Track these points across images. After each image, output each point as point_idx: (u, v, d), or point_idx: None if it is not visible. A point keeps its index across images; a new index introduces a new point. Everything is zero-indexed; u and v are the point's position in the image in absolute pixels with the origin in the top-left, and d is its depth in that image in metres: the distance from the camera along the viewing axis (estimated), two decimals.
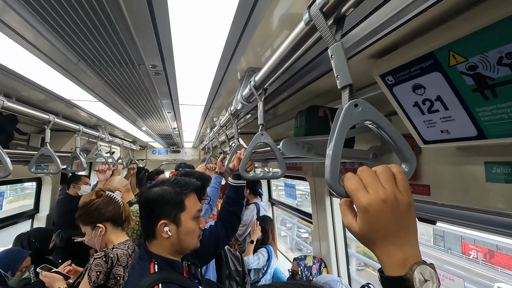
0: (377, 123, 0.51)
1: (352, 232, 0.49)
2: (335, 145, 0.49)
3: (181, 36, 0.85)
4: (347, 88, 0.50)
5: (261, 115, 0.95)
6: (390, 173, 0.46)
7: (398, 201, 0.44)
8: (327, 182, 0.49)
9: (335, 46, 0.50)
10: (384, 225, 0.44)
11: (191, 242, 1.15)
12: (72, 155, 2.16)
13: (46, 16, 0.77)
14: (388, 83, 0.94)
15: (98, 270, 1.23)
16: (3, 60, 1.08)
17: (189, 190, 1.18)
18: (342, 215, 0.51)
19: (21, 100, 1.65)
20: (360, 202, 0.45)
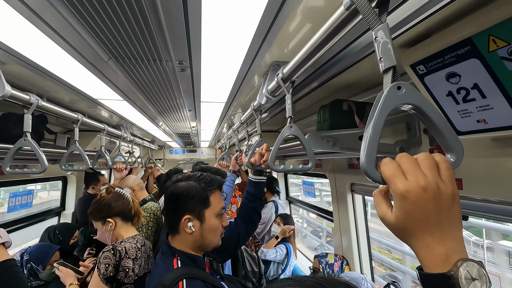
0: (420, 108, 0.49)
1: (386, 223, 0.45)
2: (374, 128, 0.48)
3: (211, 33, 0.87)
4: (390, 70, 0.49)
5: (290, 108, 0.95)
6: (432, 161, 0.43)
7: (441, 191, 0.41)
8: (362, 166, 0.47)
9: (381, 27, 0.49)
10: (423, 215, 0.41)
11: (214, 240, 1.15)
12: (98, 153, 2.23)
13: (84, 13, 0.79)
14: (419, 72, 0.92)
15: (107, 262, 1.26)
16: (38, 59, 1.13)
17: (214, 186, 1.18)
18: (376, 205, 0.48)
19: (51, 99, 1.72)
20: (397, 188, 0.42)
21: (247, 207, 1.45)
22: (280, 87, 1.00)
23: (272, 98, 1.13)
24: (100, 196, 1.59)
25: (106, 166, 2.30)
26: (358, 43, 0.87)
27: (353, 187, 2.02)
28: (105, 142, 2.30)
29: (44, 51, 1.05)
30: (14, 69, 1.18)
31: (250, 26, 0.84)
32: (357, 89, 1.54)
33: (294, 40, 0.98)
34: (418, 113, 0.50)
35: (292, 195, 3.83)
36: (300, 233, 5.42)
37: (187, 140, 4.44)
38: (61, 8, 0.78)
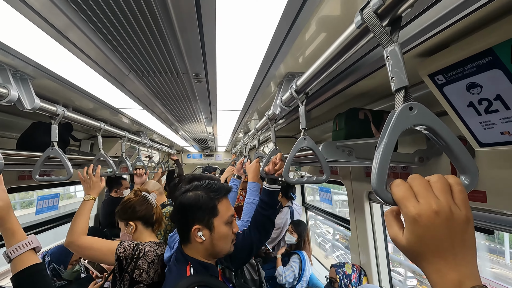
0: (433, 129, 0.48)
1: (398, 245, 0.45)
2: (384, 149, 0.48)
3: (225, 46, 0.89)
4: (402, 90, 0.49)
5: (303, 119, 0.95)
6: (446, 183, 0.42)
7: (454, 215, 0.40)
8: (373, 187, 0.47)
9: (392, 47, 0.49)
10: (435, 240, 0.40)
11: (225, 247, 1.16)
12: (119, 159, 2.32)
13: (105, 31, 0.84)
14: (438, 82, 0.89)
15: (124, 247, 1.33)
16: (64, 73, 1.20)
17: (221, 195, 1.19)
18: (387, 226, 0.47)
19: (75, 109, 1.81)
20: (408, 211, 0.41)
21: (260, 215, 1.44)
22: (294, 98, 1.01)
23: (287, 109, 1.14)
24: (128, 197, 1.64)
25: (127, 171, 2.39)
26: (375, 54, 0.86)
27: (370, 195, 1.97)
28: (125, 148, 2.39)
29: (69, 66, 1.11)
30: (43, 83, 1.26)
31: (264, 39, 0.85)
32: (373, 97, 1.51)
33: (308, 50, 0.98)
34: (431, 134, 0.49)
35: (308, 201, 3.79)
36: (332, 246, 5.02)
37: (204, 145, 4.52)
38: (84, 27, 0.82)
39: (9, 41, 0.89)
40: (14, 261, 0.89)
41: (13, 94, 1.03)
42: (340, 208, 6.69)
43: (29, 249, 0.91)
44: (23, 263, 0.88)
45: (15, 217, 0.93)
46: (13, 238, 0.91)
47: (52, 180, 1.51)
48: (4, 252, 0.91)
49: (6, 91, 1.01)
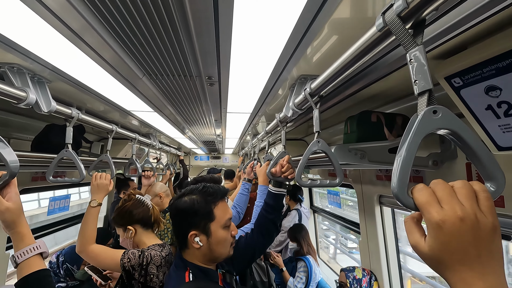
0: (458, 134, 0.47)
1: (419, 252, 0.43)
2: (406, 152, 0.47)
3: (240, 49, 0.89)
4: (426, 93, 0.48)
5: (317, 123, 0.95)
6: (471, 189, 0.41)
7: (480, 222, 0.38)
8: (394, 192, 0.46)
9: (416, 50, 0.48)
10: (461, 247, 0.38)
11: (223, 251, 1.13)
12: (129, 161, 2.35)
13: (121, 34, 0.85)
14: (455, 85, 0.88)
15: (129, 257, 1.31)
16: (79, 76, 1.21)
17: (218, 198, 1.15)
18: (407, 232, 0.46)
19: (87, 111, 1.84)
20: (432, 217, 0.40)
21: (264, 219, 1.41)
22: (307, 101, 1.00)
23: (299, 111, 1.14)
24: (122, 203, 1.63)
25: (135, 173, 2.41)
26: (391, 56, 0.85)
27: (381, 199, 1.95)
28: (136, 150, 2.41)
29: (84, 68, 1.13)
30: (58, 86, 1.29)
31: (279, 42, 0.85)
32: (385, 99, 1.50)
33: (319, 52, 0.98)
34: (455, 139, 0.48)
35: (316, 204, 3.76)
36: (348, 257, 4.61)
37: (211, 147, 4.54)
38: (101, 29, 0.83)
39: (29, 45, 0.91)
40: (20, 266, 0.87)
41: (31, 97, 1.06)
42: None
43: (36, 254, 0.90)
44: (29, 268, 0.87)
45: (25, 221, 0.92)
46: (22, 242, 0.89)
47: (65, 181, 1.53)
48: (11, 256, 0.89)
49: (25, 94, 1.04)
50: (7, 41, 0.88)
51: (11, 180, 0.89)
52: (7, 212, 0.86)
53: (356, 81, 1.06)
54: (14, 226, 0.88)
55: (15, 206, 0.88)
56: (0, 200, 0.86)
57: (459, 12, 0.64)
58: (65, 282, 2.17)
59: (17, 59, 1.00)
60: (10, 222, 0.87)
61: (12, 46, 0.91)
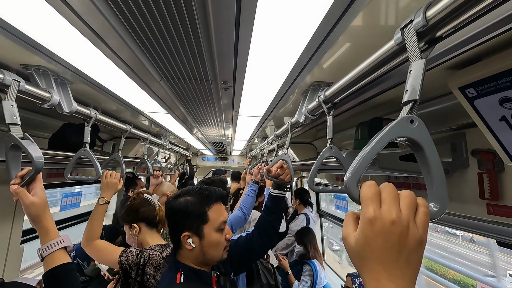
0: (423, 149, 0.48)
1: (346, 244, 0.45)
2: (371, 149, 0.49)
3: (257, 56, 0.92)
4: (410, 103, 0.50)
5: (330, 129, 0.97)
6: (414, 201, 0.42)
7: (410, 232, 0.40)
8: (345, 181, 0.48)
9: (418, 62, 0.50)
10: (382, 247, 0.40)
11: (216, 254, 1.12)
12: (141, 161, 2.39)
13: (142, 37, 0.87)
14: (469, 96, 0.89)
15: (127, 255, 1.33)
16: (98, 77, 1.25)
17: (212, 201, 1.15)
18: (344, 224, 0.48)
19: (102, 110, 1.89)
20: (367, 211, 0.42)
21: (264, 221, 1.42)
22: (321, 107, 1.02)
23: (312, 117, 1.16)
24: (131, 201, 1.67)
25: (145, 172, 2.46)
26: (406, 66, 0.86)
27: None
28: (147, 150, 2.46)
29: (104, 70, 1.16)
30: (78, 87, 1.33)
31: (296, 51, 0.88)
32: (397, 106, 1.50)
33: (332, 59, 1.00)
34: (416, 151, 0.49)
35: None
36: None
37: (219, 148, 4.58)
38: (122, 31, 0.85)
39: (54, 47, 0.95)
40: (45, 259, 0.91)
41: (55, 98, 1.10)
42: None
43: (60, 248, 0.93)
44: (54, 261, 0.91)
45: (50, 216, 0.95)
46: (47, 236, 0.93)
47: (82, 179, 1.58)
48: (38, 249, 0.93)
49: (49, 95, 1.08)
50: (35, 44, 0.92)
51: (37, 175, 0.93)
52: (32, 206, 0.90)
53: (369, 88, 1.07)
54: (39, 220, 0.92)
55: (40, 200, 0.92)
56: (26, 194, 0.90)
57: (475, 27, 0.65)
58: None
59: (43, 61, 1.04)
60: (35, 216, 0.91)
61: (38, 49, 0.95)
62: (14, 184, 0.90)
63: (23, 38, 0.88)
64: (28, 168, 0.91)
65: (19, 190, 0.89)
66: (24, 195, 0.90)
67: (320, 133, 2.87)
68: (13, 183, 0.90)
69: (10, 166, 0.91)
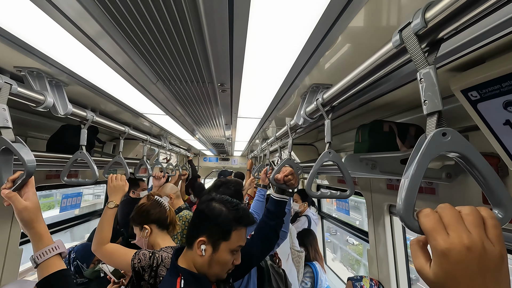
0: (467, 157, 0.45)
1: (424, 278, 0.42)
2: (414, 175, 0.46)
3: (253, 57, 0.90)
4: (435, 114, 0.47)
5: (328, 133, 0.94)
6: (479, 216, 0.39)
7: (487, 251, 0.37)
8: (400, 214, 0.45)
9: (427, 70, 0.47)
10: (466, 277, 0.37)
11: (219, 272, 1.11)
12: (140, 162, 2.38)
13: (136, 40, 0.86)
14: (472, 98, 0.86)
15: (139, 258, 1.32)
16: (94, 80, 1.23)
17: (242, 224, 1.14)
18: (413, 256, 0.45)
19: (101, 113, 1.88)
20: (438, 244, 0.39)
21: (265, 225, 1.40)
22: (319, 110, 1.00)
23: (310, 120, 1.13)
24: (142, 202, 1.66)
25: (145, 173, 2.45)
26: (406, 68, 0.84)
27: (391, 208, 1.92)
28: (146, 151, 2.44)
29: (99, 73, 1.15)
30: (74, 89, 1.32)
31: (293, 52, 0.85)
32: (397, 109, 1.48)
33: (332, 60, 0.97)
34: (464, 162, 0.46)
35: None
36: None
37: (220, 149, 4.56)
38: (116, 35, 0.84)
39: (47, 50, 0.94)
40: (40, 266, 0.87)
41: (49, 101, 1.08)
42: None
43: (55, 254, 0.90)
44: (49, 268, 0.87)
45: (43, 221, 0.92)
46: (40, 242, 0.89)
47: (79, 182, 1.57)
48: (31, 256, 0.89)
49: (43, 97, 1.07)
50: (27, 47, 0.90)
51: (29, 179, 0.90)
52: (24, 211, 0.87)
53: (369, 91, 1.05)
54: (32, 226, 0.88)
55: (32, 205, 0.88)
56: (18, 199, 0.87)
57: (478, 28, 0.63)
58: (74, 279, 2.22)
59: (37, 64, 1.03)
60: (28, 221, 0.88)
61: (31, 51, 0.93)
62: (5, 189, 0.87)
63: (15, 41, 0.87)
64: (20, 172, 0.88)
65: (11, 194, 0.86)
66: (16, 199, 0.87)
67: (321, 134, 2.84)
68: (4, 187, 0.87)
69: (1, 170, 0.88)
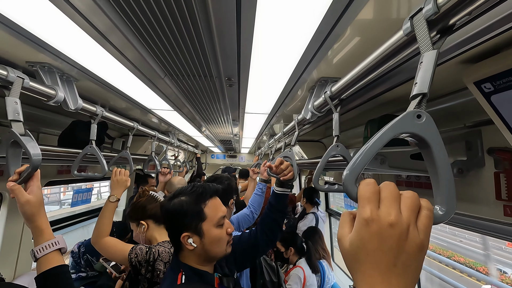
0: (430, 146, 0.44)
1: (341, 246, 0.42)
2: (373, 145, 0.45)
3: (261, 51, 0.89)
4: (419, 96, 0.46)
5: (337, 126, 0.93)
6: (416, 203, 0.39)
7: (409, 235, 0.37)
8: (344, 178, 0.44)
9: (430, 53, 0.46)
10: (379, 250, 0.37)
11: (219, 250, 1.10)
12: (149, 158, 2.41)
13: (145, 35, 0.87)
14: (485, 91, 0.84)
15: (136, 252, 1.34)
16: (104, 75, 1.25)
17: (207, 197, 1.12)
18: (339, 225, 0.44)
19: (110, 108, 1.90)
20: (364, 212, 0.38)
21: (268, 218, 1.40)
22: (327, 103, 0.99)
23: (318, 114, 1.12)
24: (137, 198, 1.67)
25: (154, 169, 2.48)
26: (417, 59, 0.82)
27: None
28: (155, 147, 2.47)
29: (109, 68, 1.17)
30: (84, 84, 1.34)
31: (300, 45, 0.85)
32: (407, 103, 1.45)
33: (341, 54, 0.96)
34: (422, 149, 0.46)
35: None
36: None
37: (228, 146, 4.58)
38: (125, 30, 0.85)
39: (59, 45, 0.96)
40: (39, 261, 0.88)
41: (60, 95, 1.10)
42: None
43: (55, 249, 0.90)
44: (48, 263, 0.88)
45: (45, 216, 0.92)
46: (41, 236, 0.90)
47: (89, 176, 1.59)
48: (31, 250, 0.90)
49: (54, 92, 1.09)
50: (39, 41, 0.92)
51: (34, 172, 0.90)
52: (27, 205, 0.87)
53: (378, 84, 1.03)
54: (34, 220, 0.89)
55: (35, 199, 0.89)
56: (22, 192, 0.87)
57: (492, 16, 0.61)
58: (86, 272, 2.26)
59: (48, 59, 1.05)
60: (30, 215, 0.88)
61: (44, 47, 0.95)
62: (11, 181, 0.88)
63: (28, 36, 0.88)
64: (26, 165, 0.89)
65: (15, 187, 0.87)
66: (19, 192, 0.87)
67: (329, 131, 2.82)
68: (10, 179, 0.88)
69: (10, 162, 0.90)
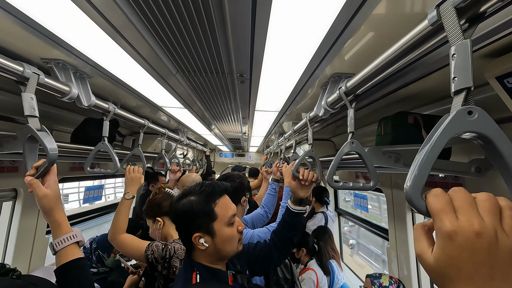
0: (492, 142, 0.41)
1: (423, 263, 0.39)
2: (429, 153, 0.42)
3: (274, 47, 0.88)
4: (463, 91, 0.43)
5: (352, 122, 0.91)
6: (495, 204, 0.35)
7: (499, 241, 0.33)
8: (407, 192, 0.42)
9: (462, 43, 0.44)
10: (471, 265, 0.34)
11: (231, 249, 1.09)
12: (159, 156, 2.43)
13: (160, 31, 0.87)
14: (508, 86, 0.81)
15: (152, 249, 1.36)
16: (116, 72, 1.26)
17: (217, 196, 1.10)
18: (415, 240, 0.41)
19: (122, 105, 1.92)
20: (443, 226, 0.35)
21: (282, 236, 1.36)
22: (341, 100, 0.97)
23: (331, 111, 1.10)
24: (153, 195, 1.69)
25: (163, 167, 2.49)
26: (435, 54, 0.79)
27: None
28: (165, 145, 2.48)
29: (122, 64, 1.17)
30: (97, 81, 1.35)
31: (315, 41, 0.83)
32: (422, 100, 1.41)
33: (354, 49, 0.94)
34: (485, 145, 0.42)
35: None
36: None
37: (236, 144, 4.58)
38: (140, 26, 0.85)
39: (73, 41, 0.96)
40: (58, 254, 0.91)
41: (74, 92, 1.12)
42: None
43: (73, 242, 0.92)
44: (67, 256, 0.90)
45: (62, 209, 0.94)
46: (59, 230, 0.92)
47: (101, 172, 1.61)
48: (50, 243, 0.93)
49: (68, 88, 1.10)
50: (54, 37, 0.93)
51: (51, 167, 0.92)
52: (44, 199, 0.89)
53: (393, 80, 1.01)
54: (52, 213, 0.91)
55: (53, 193, 0.91)
56: (40, 186, 0.89)
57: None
58: (97, 268, 2.30)
59: (62, 55, 1.06)
60: (48, 209, 0.90)
61: (58, 42, 0.96)
62: (29, 176, 0.90)
63: (43, 32, 0.89)
64: (43, 160, 0.90)
65: (33, 181, 0.89)
66: (37, 186, 0.89)
67: (339, 129, 2.78)
68: (28, 174, 0.90)
69: (27, 157, 0.91)
